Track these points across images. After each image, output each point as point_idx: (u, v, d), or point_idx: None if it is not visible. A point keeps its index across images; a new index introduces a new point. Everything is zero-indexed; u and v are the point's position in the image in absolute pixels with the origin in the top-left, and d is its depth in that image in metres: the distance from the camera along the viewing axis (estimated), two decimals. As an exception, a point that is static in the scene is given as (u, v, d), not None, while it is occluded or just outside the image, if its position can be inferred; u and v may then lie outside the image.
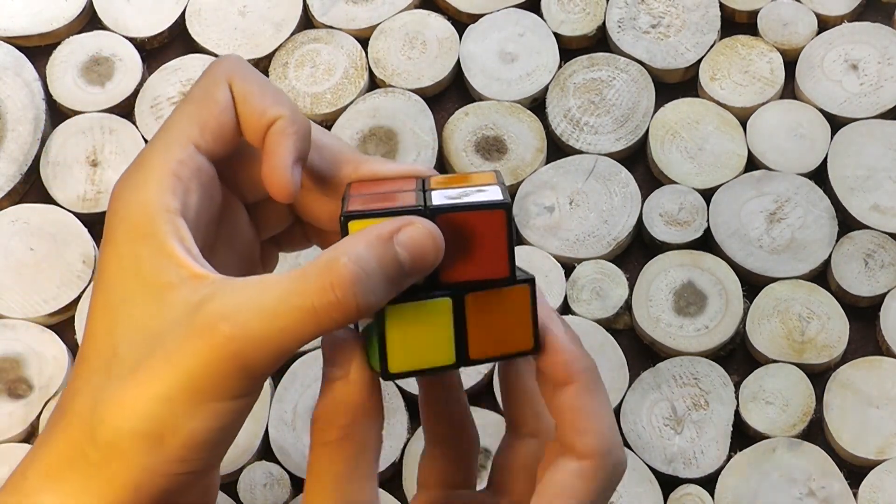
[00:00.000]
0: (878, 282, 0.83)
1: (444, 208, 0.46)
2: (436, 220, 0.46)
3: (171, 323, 0.44)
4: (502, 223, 0.47)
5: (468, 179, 0.50)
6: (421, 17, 0.94)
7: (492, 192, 0.47)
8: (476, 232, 0.46)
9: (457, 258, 0.47)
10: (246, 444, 0.80)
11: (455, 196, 0.47)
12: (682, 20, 0.92)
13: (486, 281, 0.47)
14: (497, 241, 0.47)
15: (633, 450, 0.79)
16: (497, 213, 0.46)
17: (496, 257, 0.47)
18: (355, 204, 0.47)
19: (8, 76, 0.92)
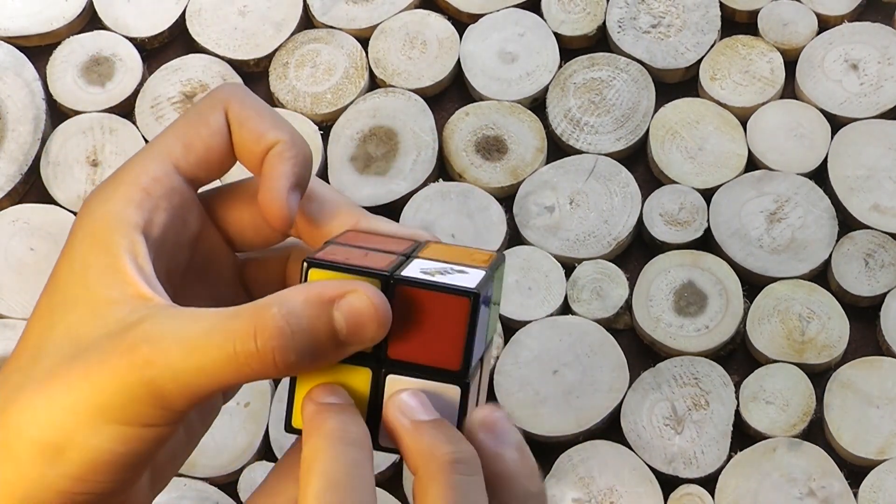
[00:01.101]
0: (878, 282, 0.83)
1: (407, 281, 0.43)
2: (395, 292, 0.43)
3: (100, 337, 0.43)
4: (464, 313, 0.43)
5: (462, 255, 0.47)
6: (421, 17, 0.94)
7: (470, 277, 0.44)
8: (436, 315, 0.43)
9: (411, 336, 0.43)
10: (246, 444, 0.80)
11: (432, 270, 0.44)
12: (682, 20, 0.92)
13: (436, 369, 0.44)
14: (456, 330, 0.43)
15: (634, 450, 0.79)
16: (461, 301, 0.43)
17: (451, 347, 0.43)
18: (330, 252, 0.44)
19: (8, 76, 0.92)
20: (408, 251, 0.46)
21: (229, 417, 0.81)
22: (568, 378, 0.81)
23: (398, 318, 0.43)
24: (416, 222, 0.86)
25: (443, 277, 0.43)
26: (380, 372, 0.44)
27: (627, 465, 0.78)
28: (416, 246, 0.47)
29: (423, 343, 0.44)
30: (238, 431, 0.80)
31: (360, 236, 0.47)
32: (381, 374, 0.44)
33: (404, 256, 0.45)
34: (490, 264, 0.46)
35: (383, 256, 0.45)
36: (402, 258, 0.45)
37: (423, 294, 0.43)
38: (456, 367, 0.44)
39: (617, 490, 0.78)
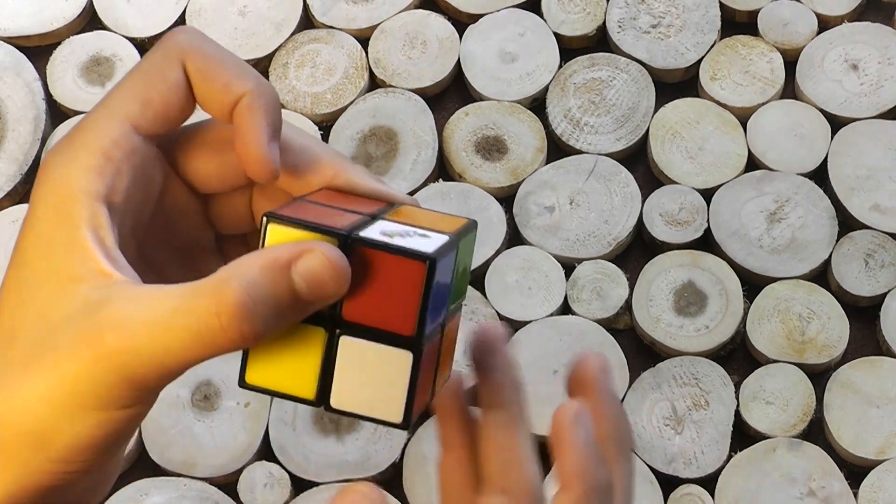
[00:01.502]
0: (878, 282, 0.83)
1: (365, 241, 0.42)
2: (352, 252, 0.42)
3: (67, 319, 0.43)
4: (419, 278, 0.42)
5: (432, 220, 0.46)
6: (421, 17, 0.94)
7: (431, 242, 0.43)
8: (391, 278, 0.42)
9: (366, 298, 0.43)
10: (246, 444, 0.80)
11: (392, 232, 0.43)
12: (682, 20, 0.92)
13: (389, 333, 0.43)
14: (410, 295, 0.42)
15: (634, 449, 0.79)
16: (416, 265, 0.42)
17: (405, 311, 0.43)
18: (293, 208, 0.44)
19: (8, 76, 0.92)
20: (376, 212, 0.45)
21: (229, 417, 0.81)
22: (568, 378, 0.81)
23: (354, 280, 0.42)
24: (416, 222, 0.86)
25: (402, 240, 0.43)
26: (334, 332, 0.43)
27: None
28: (388, 208, 0.46)
29: (377, 306, 0.43)
30: (238, 431, 0.80)
31: (334, 195, 0.46)
32: (335, 335, 0.43)
33: (370, 217, 0.44)
34: (458, 230, 0.45)
35: (348, 216, 0.44)
36: (366, 218, 0.44)
37: (380, 256, 0.42)
38: (409, 333, 0.43)
39: (617, 490, 0.78)
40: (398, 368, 0.43)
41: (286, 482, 0.78)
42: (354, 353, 0.43)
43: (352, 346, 0.43)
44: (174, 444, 0.80)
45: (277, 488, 0.78)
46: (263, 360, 0.44)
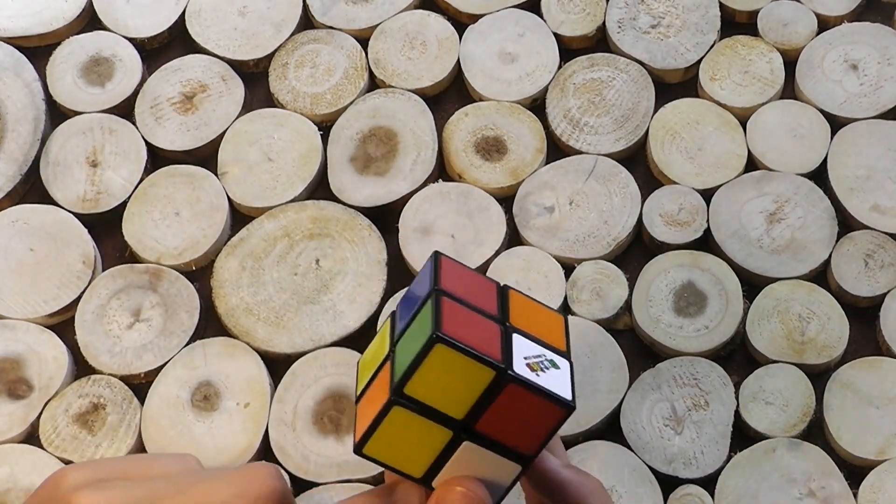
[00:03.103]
0: (878, 282, 0.83)
1: (518, 380, 0.48)
2: (507, 385, 0.48)
3: None
4: (558, 418, 0.49)
5: (542, 327, 0.51)
6: (421, 17, 0.94)
7: (563, 377, 0.50)
8: (533, 410, 0.49)
9: (503, 418, 0.48)
10: (246, 445, 0.80)
11: (534, 363, 0.49)
12: (682, 20, 0.92)
13: (511, 449, 0.49)
14: (543, 427, 0.49)
15: (633, 450, 0.79)
16: (559, 410, 0.49)
17: (533, 437, 0.49)
18: (449, 320, 0.48)
19: (8, 76, 0.92)
20: (501, 314, 0.51)
21: (229, 418, 0.81)
22: (568, 378, 0.81)
23: (500, 403, 0.48)
24: (416, 223, 0.86)
25: (545, 376, 0.49)
26: (459, 436, 0.49)
27: (627, 466, 0.78)
28: (502, 298, 0.51)
29: (510, 427, 0.49)
30: (238, 431, 0.80)
31: (452, 273, 0.51)
32: (459, 438, 0.49)
33: (502, 325, 0.50)
34: (566, 342, 0.52)
35: (489, 327, 0.49)
36: (502, 328, 0.50)
37: (528, 394, 0.48)
38: (532, 454, 0.50)
39: (617, 490, 0.78)
40: (505, 473, 0.50)
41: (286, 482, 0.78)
42: (471, 454, 0.49)
43: (471, 449, 0.49)
44: (174, 444, 0.80)
45: (277, 488, 0.78)
46: (384, 440, 0.49)
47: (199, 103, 0.91)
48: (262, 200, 0.88)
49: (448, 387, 0.48)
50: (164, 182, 0.88)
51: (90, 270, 0.85)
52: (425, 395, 0.48)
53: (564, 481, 0.54)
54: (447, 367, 0.48)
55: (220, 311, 0.84)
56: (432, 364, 0.48)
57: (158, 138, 0.90)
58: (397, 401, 0.48)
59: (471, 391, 0.48)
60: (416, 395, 0.48)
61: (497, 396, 0.48)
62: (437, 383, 0.48)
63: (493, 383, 0.48)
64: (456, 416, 0.48)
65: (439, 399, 0.48)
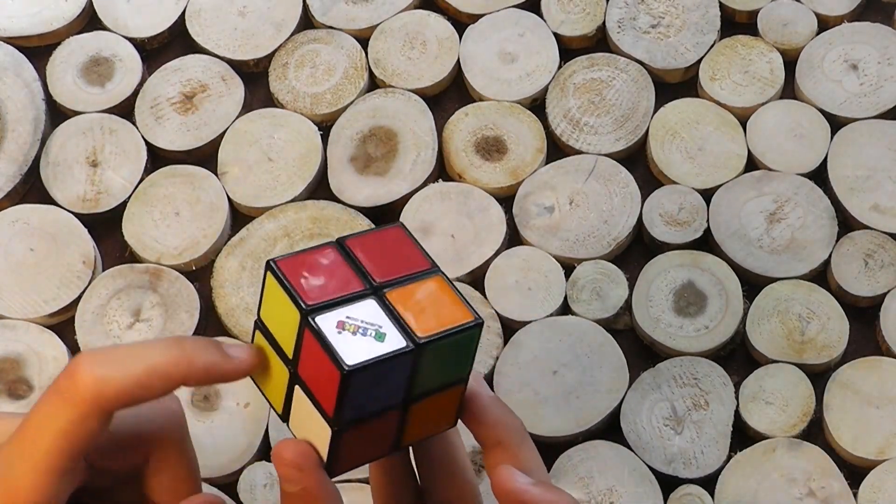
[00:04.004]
0: (878, 282, 0.83)
1: (312, 328, 0.47)
2: (304, 332, 0.47)
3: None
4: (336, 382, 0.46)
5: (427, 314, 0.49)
6: (421, 17, 0.94)
7: (376, 348, 0.47)
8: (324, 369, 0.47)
9: (312, 369, 0.47)
10: (246, 445, 0.80)
11: (353, 324, 0.47)
12: (682, 20, 0.92)
13: (320, 405, 0.48)
14: (330, 388, 0.47)
15: (633, 450, 0.79)
16: (335, 372, 0.46)
17: (329, 397, 0.47)
18: (302, 259, 0.48)
19: (8, 76, 0.92)
20: (385, 283, 0.49)
21: (229, 417, 0.81)
22: (568, 378, 0.81)
23: (305, 351, 0.47)
24: (416, 223, 0.86)
25: (350, 338, 0.46)
26: (293, 380, 0.48)
27: (627, 466, 0.78)
28: (417, 275, 0.49)
29: (317, 380, 0.47)
30: (238, 431, 0.80)
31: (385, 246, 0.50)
32: (293, 382, 0.48)
33: (371, 288, 0.48)
34: (441, 332, 0.48)
35: (352, 282, 0.48)
36: (366, 289, 0.48)
37: (318, 347, 0.46)
38: (329, 414, 0.47)
39: (617, 490, 0.78)
40: (323, 433, 0.48)
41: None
42: (302, 402, 0.48)
43: (300, 396, 0.48)
44: (174, 444, 0.80)
45: (277, 488, 0.78)
46: (261, 378, 0.50)
47: (199, 103, 0.91)
48: (262, 200, 0.88)
49: (281, 320, 0.48)
50: (164, 182, 0.88)
51: (90, 270, 0.85)
52: (270, 326, 0.48)
53: (532, 499, 0.52)
54: (276, 299, 0.47)
55: (220, 311, 0.84)
56: (267, 292, 0.48)
57: (158, 138, 0.90)
58: (256, 323, 0.49)
59: (291, 329, 0.47)
60: (266, 324, 0.48)
61: (302, 341, 0.47)
62: (274, 315, 0.48)
63: (300, 325, 0.47)
64: (288, 354, 0.48)
65: (278, 332, 0.48)
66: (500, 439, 0.53)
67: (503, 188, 0.87)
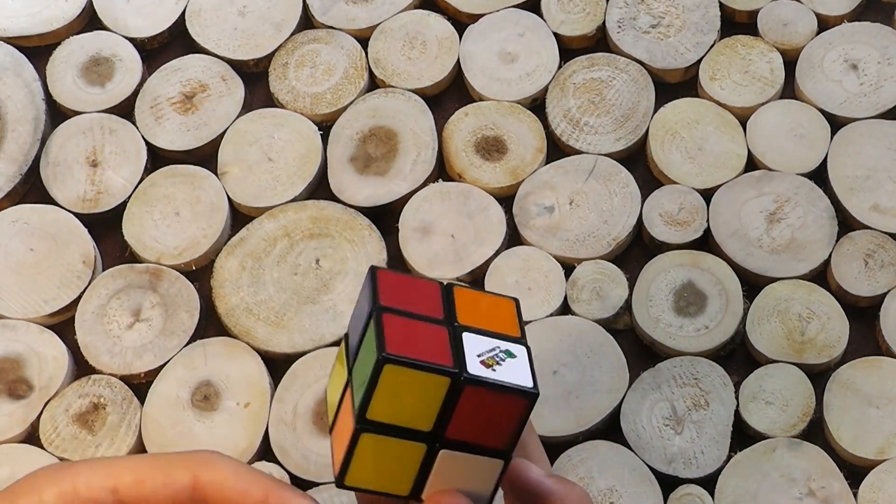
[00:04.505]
0: (878, 282, 0.83)
1: (474, 380, 0.48)
2: (464, 389, 0.48)
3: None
4: (523, 409, 0.49)
5: (493, 317, 0.51)
6: (421, 17, 0.94)
7: (520, 364, 0.49)
8: (497, 407, 0.48)
9: (470, 421, 0.48)
10: (246, 445, 0.80)
11: (489, 358, 0.49)
12: (682, 20, 0.92)
13: (486, 448, 0.49)
14: (511, 419, 0.49)
15: (634, 450, 0.79)
16: (523, 401, 0.48)
17: (505, 432, 0.49)
18: (393, 337, 0.49)
19: (8, 76, 0.92)
20: (447, 314, 0.50)
21: (229, 417, 0.81)
22: (568, 378, 0.81)
23: (462, 407, 0.48)
24: (416, 222, 0.86)
25: (501, 370, 0.49)
26: (434, 446, 0.49)
27: (627, 466, 0.78)
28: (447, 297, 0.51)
29: (479, 427, 0.49)
30: (238, 431, 0.80)
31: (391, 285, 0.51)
32: (435, 448, 0.49)
33: (450, 325, 0.50)
34: (519, 326, 0.51)
35: (436, 332, 0.49)
36: (450, 329, 0.50)
37: (488, 392, 0.48)
38: (504, 449, 0.49)
39: (617, 490, 0.78)
40: (488, 471, 0.50)
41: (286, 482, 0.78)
42: (450, 461, 0.49)
43: (449, 456, 0.49)
44: (174, 444, 0.80)
45: (277, 488, 0.78)
46: (363, 468, 0.50)
47: (199, 103, 0.91)
48: (262, 200, 0.88)
49: (409, 403, 0.48)
50: (164, 182, 0.88)
51: (90, 270, 0.85)
52: (389, 416, 0.48)
53: (547, 491, 0.53)
54: (402, 385, 0.48)
55: (220, 311, 0.84)
56: (386, 385, 0.48)
57: (158, 138, 0.90)
58: (363, 428, 0.49)
59: (432, 402, 0.48)
60: (380, 418, 0.48)
61: (458, 401, 0.48)
62: (397, 402, 0.48)
63: (450, 390, 0.48)
64: (425, 429, 0.49)
65: (404, 416, 0.49)
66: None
67: (503, 188, 0.87)
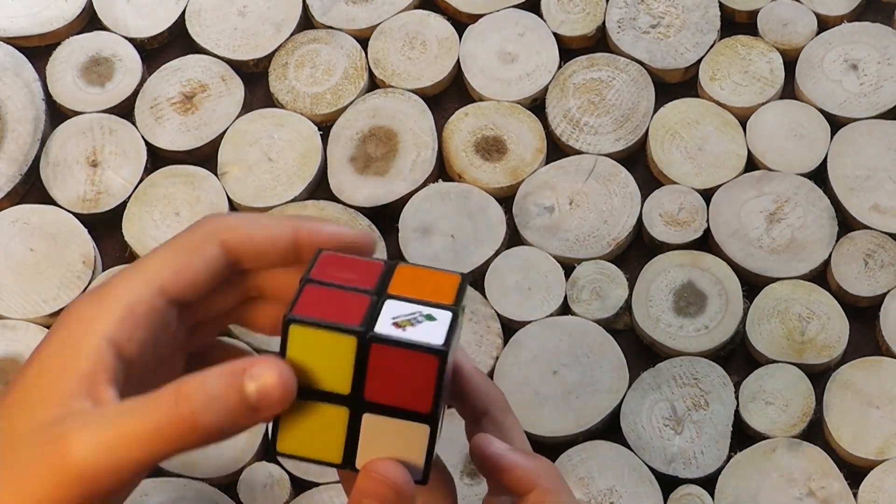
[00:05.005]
0: (878, 282, 0.83)
1: (380, 339, 0.48)
2: (370, 348, 0.48)
3: (32, 431, 0.47)
4: (433, 368, 0.48)
5: (430, 286, 0.51)
6: (421, 17, 0.94)
7: (438, 326, 0.48)
8: (407, 367, 0.48)
9: (386, 382, 0.48)
10: (246, 445, 0.80)
11: (402, 321, 0.49)
12: (682, 20, 0.92)
13: (408, 411, 0.49)
14: (426, 380, 0.48)
15: (634, 450, 0.79)
16: (430, 358, 0.48)
17: (423, 393, 0.48)
18: (306, 302, 0.49)
19: (8, 76, 0.92)
20: (378, 286, 0.50)
21: (229, 418, 0.81)
22: (568, 378, 0.81)
23: (374, 367, 0.48)
24: (416, 223, 0.86)
25: (413, 330, 0.48)
26: (358, 411, 0.49)
27: (627, 466, 0.78)
28: (387, 272, 0.51)
29: (396, 388, 0.48)
30: (238, 432, 0.80)
31: (332, 265, 0.51)
32: (359, 413, 0.49)
33: (376, 295, 0.49)
34: (455, 295, 0.50)
35: (357, 299, 0.49)
36: (374, 298, 0.49)
37: (396, 351, 0.48)
38: (426, 411, 0.49)
39: (617, 490, 0.78)
40: (417, 437, 0.49)
41: (286, 482, 0.78)
42: (376, 426, 0.49)
43: (374, 421, 0.49)
44: (174, 444, 0.80)
45: (277, 488, 0.78)
46: (293, 435, 0.50)
47: (199, 103, 0.91)
48: (262, 200, 0.88)
49: (323, 365, 0.48)
50: (164, 182, 0.88)
51: (90, 270, 0.85)
52: (307, 380, 0.49)
53: (509, 465, 0.53)
54: (313, 347, 0.48)
55: (220, 311, 0.84)
56: (297, 347, 0.48)
57: (158, 138, 0.90)
58: None
59: (344, 363, 0.48)
60: (300, 382, 0.49)
61: (367, 361, 0.48)
62: (311, 364, 0.48)
63: (359, 349, 0.48)
64: (343, 392, 0.49)
65: (321, 379, 0.49)
66: (486, 409, 0.55)
67: (503, 188, 0.87)
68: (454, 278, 0.52)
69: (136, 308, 0.50)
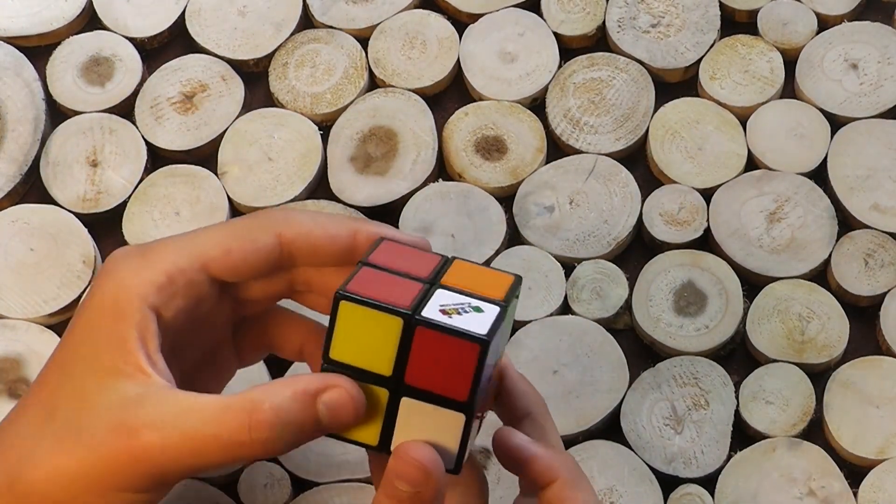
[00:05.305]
0: (878, 281, 0.83)
1: (426, 322, 0.49)
2: (415, 330, 0.49)
3: (106, 408, 0.49)
4: (474, 356, 0.49)
5: (483, 282, 0.52)
6: (421, 16, 0.94)
7: (485, 318, 0.50)
8: (449, 353, 0.49)
9: (427, 367, 0.49)
10: (246, 445, 0.80)
11: (450, 309, 0.50)
12: (682, 20, 0.92)
13: (446, 398, 0.50)
14: (466, 368, 0.49)
15: (634, 450, 0.79)
16: (472, 346, 0.49)
17: (461, 381, 0.49)
18: (360, 281, 0.50)
19: (8, 76, 0.92)
20: (432, 276, 0.52)
21: (229, 418, 0.81)
22: (568, 378, 0.81)
23: (417, 351, 0.49)
24: (416, 222, 0.86)
25: (459, 319, 0.49)
26: (397, 394, 0.50)
27: (627, 465, 0.78)
28: (442, 266, 0.53)
29: (436, 374, 0.49)
30: (238, 432, 0.80)
31: (391, 253, 0.52)
32: (398, 396, 0.50)
33: (429, 284, 0.51)
34: (506, 293, 0.52)
35: (409, 285, 0.50)
36: (426, 286, 0.51)
37: (439, 336, 0.49)
38: (464, 399, 0.49)
39: (617, 490, 0.78)
40: (452, 425, 0.50)
41: (286, 482, 0.78)
42: (413, 411, 0.50)
43: (412, 405, 0.50)
44: (174, 444, 0.80)
45: (277, 488, 0.78)
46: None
47: (199, 103, 0.91)
48: (262, 200, 0.88)
49: (368, 344, 0.49)
50: (164, 182, 0.88)
51: (90, 270, 0.85)
52: (351, 357, 0.50)
53: (532, 457, 0.54)
54: (359, 324, 0.49)
55: (220, 311, 0.84)
56: (344, 323, 0.49)
57: (158, 138, 0.90)
58: (329, 368, 0.50)
59: (388, 343, 0.49)
60: (343, 359, 0.50)
61: (411, 344, 0.49)
62: (356, 343, 0.49)
63: (404, 331, 0.49)
64: (385, 373, 0.49)
65: (364, 358, 0.50)
66: (528, 411, 0.55)
67: (503, 188, 0.87)
68: (508, 278, 0.53)
69: (176, 278, 0.51)
